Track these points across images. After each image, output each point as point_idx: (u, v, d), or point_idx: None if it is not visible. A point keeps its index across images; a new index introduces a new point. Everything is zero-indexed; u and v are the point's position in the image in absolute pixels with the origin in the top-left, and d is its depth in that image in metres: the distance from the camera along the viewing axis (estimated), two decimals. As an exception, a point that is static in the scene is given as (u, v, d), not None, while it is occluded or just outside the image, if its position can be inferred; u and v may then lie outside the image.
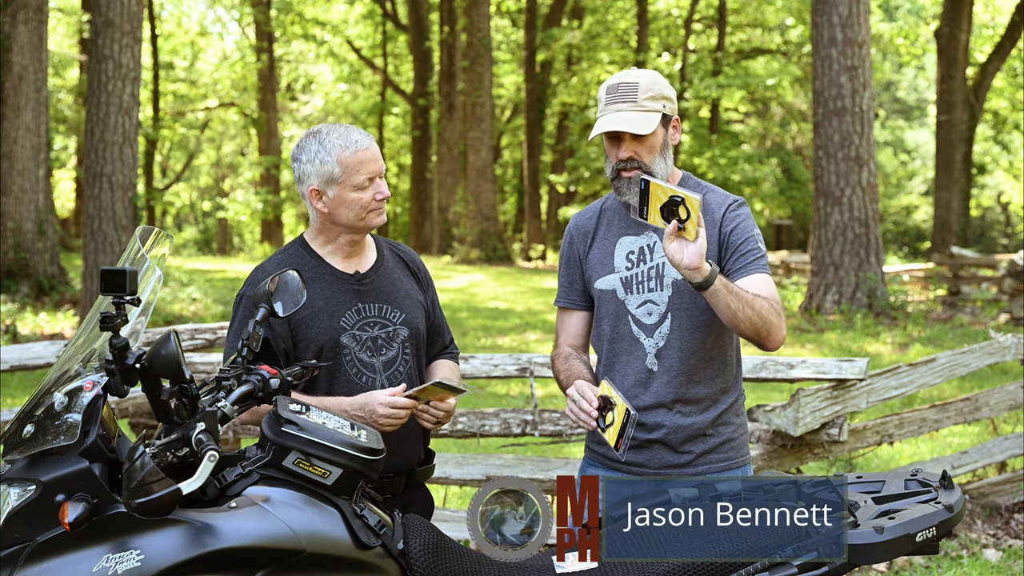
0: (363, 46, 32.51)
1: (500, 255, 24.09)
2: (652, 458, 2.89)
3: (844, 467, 5.90)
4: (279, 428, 2.28)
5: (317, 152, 2.80)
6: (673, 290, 2.86)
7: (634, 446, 2.89)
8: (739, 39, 29.62)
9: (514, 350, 11.45)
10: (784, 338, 2.81)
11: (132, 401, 4.74)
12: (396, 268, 3.00)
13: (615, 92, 2.84)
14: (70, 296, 13.89)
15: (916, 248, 35.90)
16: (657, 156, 2.85)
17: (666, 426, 2.88)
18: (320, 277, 2.87)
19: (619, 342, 2.92)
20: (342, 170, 2.79)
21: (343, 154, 2.79)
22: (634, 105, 2.82)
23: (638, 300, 2.89)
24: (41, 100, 14.17)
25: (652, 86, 2.84)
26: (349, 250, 2.91)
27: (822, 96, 13.47)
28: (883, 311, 13.31)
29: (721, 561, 2.43)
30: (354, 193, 2.81)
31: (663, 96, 2.85)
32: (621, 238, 2.94)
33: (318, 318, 2.82)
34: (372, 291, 2.90)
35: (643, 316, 2.89)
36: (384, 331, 2.88)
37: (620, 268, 2.92)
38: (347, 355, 2.83)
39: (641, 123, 2.81)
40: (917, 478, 2.74)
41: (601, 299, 2.95)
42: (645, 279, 2.89)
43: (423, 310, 2.99)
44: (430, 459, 3.00)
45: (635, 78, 2.85)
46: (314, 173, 2.81)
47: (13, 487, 2.20)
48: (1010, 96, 26.72)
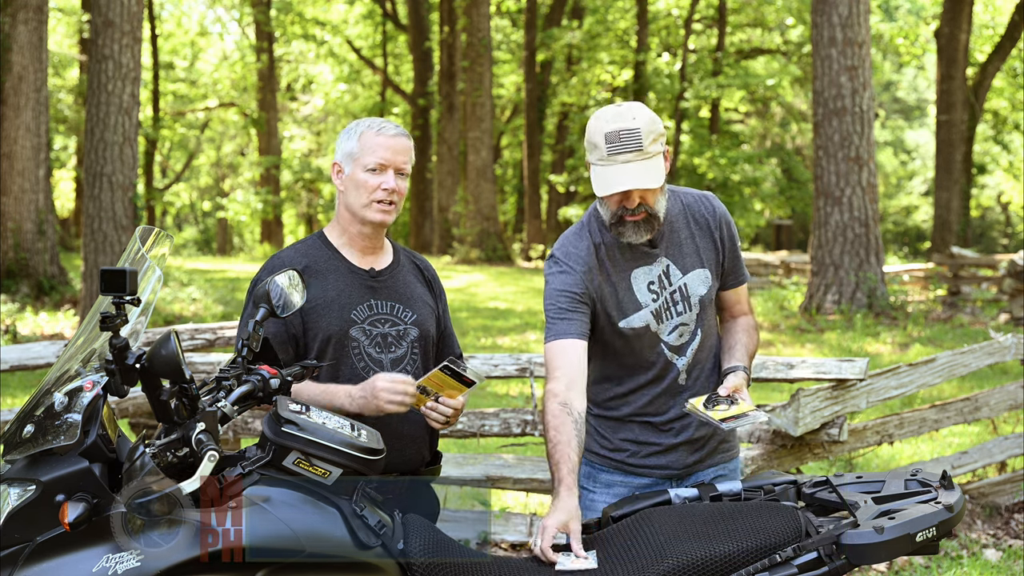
0: (363, 46, 32.51)
1: (500, 255, 24.08)
2: (677, 460, 2.95)
3: (844, 467, 5.90)
4: (279, 428, 2.28)
5: (351, 130, 2.92)
6: (700, 307, 2.93)
7: (655, 452, 2.95)
8: (739, 39, 29.62)
9: (514, 350, 11.45)
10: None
11: (132, 401, 4.74)
12: (411, 273, 3.03)
13: (616, 141, 2.69)
14: (70, 296, 13.89)
15: (916, 248, 35.90)
16: (660, 196, 2.79)
17: (691, 429, 2.94)
18: (335, 269, 2.90)
19: (649, 370, 2.91)
20: (360, 147, 2.87)
21: (367, 133, 2.88)
22: (640, 154, 2.69)
23: (670, 326, 2.91)
24: (41, 100, 14.17)
25: (651, 128, 2.72)
26: (363, 244, 2.94)
27: (822, 96, 13.47)
28: (883, 311, 13.31)
29: (721, 561, 2.43)
30: (363, 174, 2.86)
31: (660, 134, 2.75)
32: (634, 271, 2.88)
33: (330, 308, 2.85)
34: (386, 289, 2.93)
35: (674, 340, 2.91)
36: (395, 329, 2.90)
37: (647, 302, 2.87)
38: (355, 348, 2.85)
39: (654, 176, 2.72)
40: (917, 478, 2.74)
41: (632, 336, 2.87)
42: (672, 304, 2.90)
43: (434, 316, 3.01)
44: (436, 460, 3.01)
45: (634, 123, 2.69)
46: (340, 148, 2.92)
47: (13, 487, 2.20)
48: (1010, 96, 26.71)
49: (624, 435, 2.95)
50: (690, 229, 2.91)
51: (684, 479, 2.96)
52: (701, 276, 2.91)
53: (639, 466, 2.95)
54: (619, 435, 2.96)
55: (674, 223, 2.91)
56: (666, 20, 28.71)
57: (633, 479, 2.95)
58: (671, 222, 2.90)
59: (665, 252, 2.89)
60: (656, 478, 2.94)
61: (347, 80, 32.78)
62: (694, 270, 2.90)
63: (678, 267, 2.90)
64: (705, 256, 2.92)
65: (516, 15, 31.07)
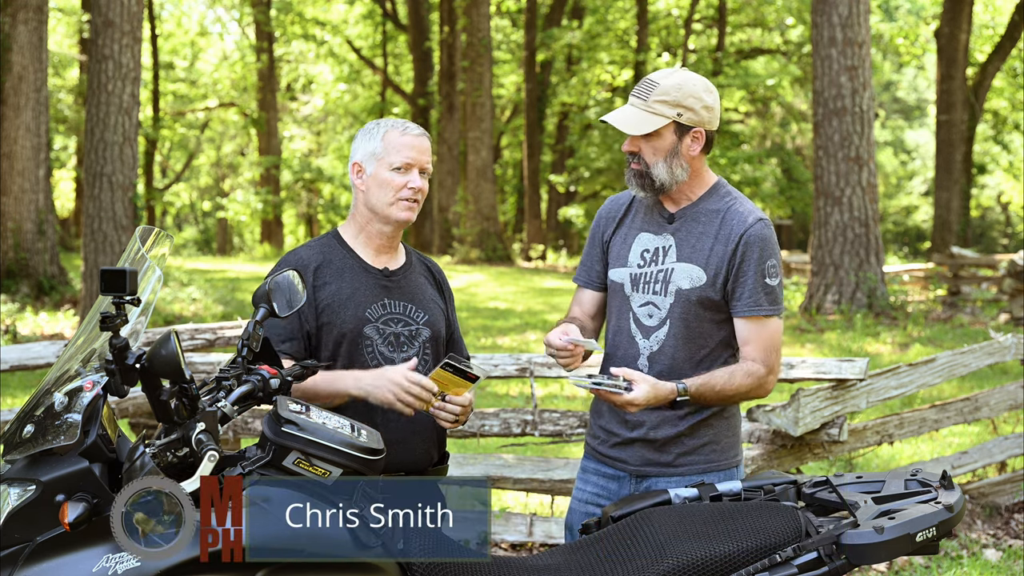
0: (363, 46, 32.51)
1: (500, 255, 24.08)
2: (634, 455, 2.94)
3: (844, 467, 5.90)
4: (279, 428, 2.28)
5: (371, 130, 2.92)
6: (675, 298, 2.87)
7: (617, 443, 2.96)
8: (739, 39, 29.61)
9: (514, 350, 11.45)
10: (773, 386, 2.91)
11: (132, 401, 4.74)
12: (422, 274, 3.04)
13: (638, 86, 2.89)
14: (70, 296, 13.89)
15: (916, 248, 35.89)
16: (661, 160, 2.84)
17: (646, 425, 2.91)
18: (350, 268, 2.91)
19: (619, 336, 2.97)
20: (384, 147, 2.87)
21: (391, 133, 2.89)
22: (643, 104, 2.84)
23: (641, 299, 2.92)
24: (41, 100, 14.17)
25: (671, 91, 2.83)
26: (379, 243, 2.95)
27: (822, 96, 13.46)
28: (883, 311, 13.31)
29: (721, 561, 2.43)
30: (388, 173, 2.86)
31: (680, 104, 2.82)
32: (641, 233, 2.96)
33: (345, 306, 2.85)
34: (399, 289, 2.94)
35: (643, 316, 2.91)
36: (407, 329, 2.90)
37: (632, 263, 2.94)
38: (368, 347, 2.85)
39: (636, 122, 2.84)
40: (917, 478, 2.74)
41: (611, 290, 3.00)
42: (652, 280, 2.91)
43: (445, 318, 3.02)
44: (444, 460, 3.01)
45: (660, 78, 2.85)
46: (361, 148, 2.91)
47: (13, 487, 2.20)
48: (1010, 96, 26.71)
49: (602, 422, 3.01)
50: (715, 229, 2.88)
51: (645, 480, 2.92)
52: (691, 272, 2.86)
53: (605, 456, 2.98)
54: (599, 421, 3.02)
55: (702, 216, 2.91)
56: (666, 20, 28.71)
57: (601, 467, 3.00)
58: (699, 213, 2.91)
59: (675, 232, 2.91)
60: (618, 470, 2.96)
61: (347, 80, 32.77)
62: (689, 263, 2.87)
63: (678, 252, 2.89)
64: (710, 259, 2.86)
65: (516, 15, 31.06)
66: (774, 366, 2.86)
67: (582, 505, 3.02)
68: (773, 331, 2.86)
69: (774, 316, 2.85)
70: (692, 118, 2.84)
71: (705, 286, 2.85)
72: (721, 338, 2.89)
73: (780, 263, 2.90)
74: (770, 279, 2.85)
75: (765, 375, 2.84)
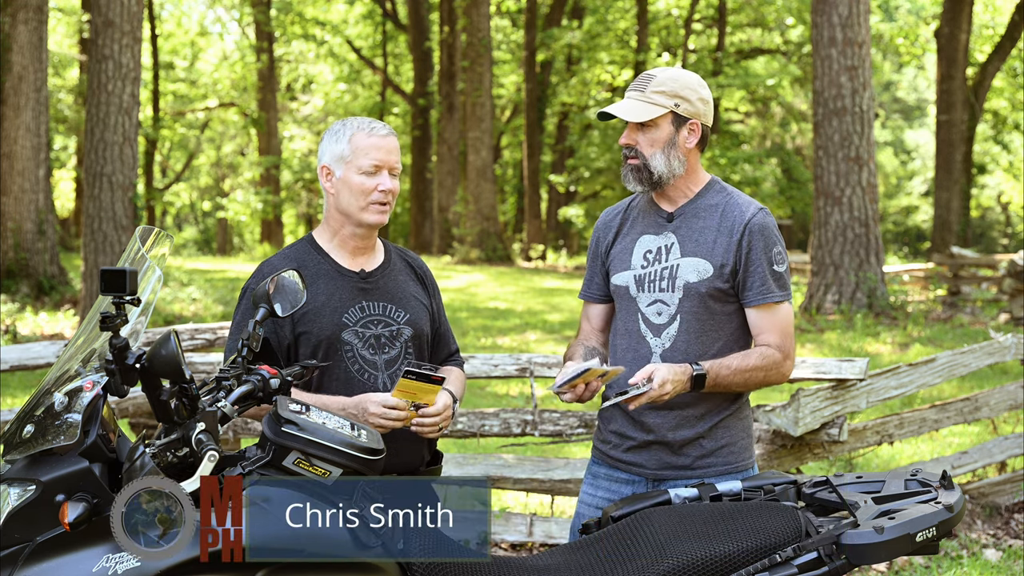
0: (363, 46, 32.50)
1: (500, 255, 24.07)
2: (650, 459, 2.92)
3: (844, 467, 5.90)
4: (279, 428, 2.28)
5: (338, 131, 2.86)
6: (684, 293, 2.88)
7: (632, 447, 2.93)
8: (739, 39, 29.61)
9: (514, 350, 11.45)
10: (790, 371, 2.92)
11: (132, 401, 4.74)
12: (403, 271, 3.00)
13: (635, 81, 2.93)
14: (70, 296, 13.89)
15: (916, 248, 35.88)
16: (658, 152, 2.87)
17: (664, 427, 2.89)
18: (325, 273, 2.87)
19: (628, 338, 2.95)
20: (351, 149, 2.83)
21: (357, 135, 2.84)
22: (640, 95, 2.88)
23: (649, 299, 2.92)
24: (41, 100, 14.17)
25: (668, 82, 2.87)
26: (354, 245, 2.91)
27: (822, 96, 13.46)
28: (883, 311, 13.31)
29: (721, 561, 2.43)
30: (358, 176, 2.82)
31: (678, 95, 2.86)
32: (642, 236, 2.98)
33: (321, 313, 2.82)
34: (377, 290, 2.90)
35: (652, 315, 2.91)
36: (387, 330, 2.88)
37: (636, 265, 2.95)
38: (349, 352, 2.83)
39: (635, 110, 2.86)
40: (917, 478, 2.74)
41: (616, 294, 3.00)
42: (657, 279, 2.91)
43: (428, 314, 2.98)
44: (437, 460, 2.99)
45: (657, 71, 2.92)
46: (328, 151, 2.87)
47: (13, 487, 2.21)
48: (1010, 96, 26.71)
49: (613, 427, 2.99)
50: (716, 222, 2.90)
51: (662, 484, 2.90)
52: (698, 265, 2.87)
53: (618, 460, 2.96)
54: (610, 426, 3.00)
55: (701, 211, 2.93)
56: (666, 20, 28.69)
57: (613, 472, 2.98)
58: (698, 209, 2.93)
59: (676, 230, 2.92)
60: (632, 474, 2.94)
61: (347, 80, 32.77)
62: (694, 257, 2.89)
63: (681, 248, 2.90)
64: (716, 251, 2.88)
65: (516, 15, 31.06)
66: (790, 351, 2.89)
67: (591, 510, 3.00)
68: (785, 316, 2.90)
69: (784, 301, 2.89)
70: (689, 109, 2.88)
71: (713, 277, 2.87)
72: (732, 330, 2.91)
73: (785, 249, 2.94)
74: (778, 265, 2.89)
75: (782, 360, 2.87)
